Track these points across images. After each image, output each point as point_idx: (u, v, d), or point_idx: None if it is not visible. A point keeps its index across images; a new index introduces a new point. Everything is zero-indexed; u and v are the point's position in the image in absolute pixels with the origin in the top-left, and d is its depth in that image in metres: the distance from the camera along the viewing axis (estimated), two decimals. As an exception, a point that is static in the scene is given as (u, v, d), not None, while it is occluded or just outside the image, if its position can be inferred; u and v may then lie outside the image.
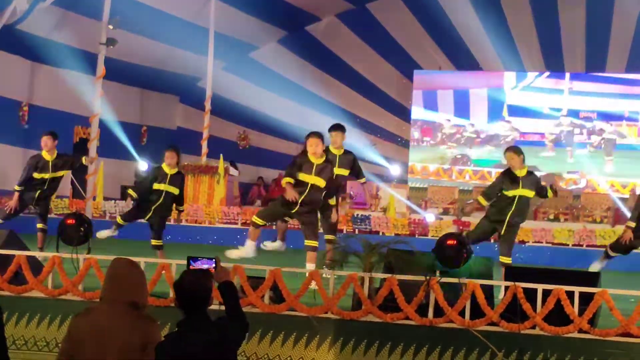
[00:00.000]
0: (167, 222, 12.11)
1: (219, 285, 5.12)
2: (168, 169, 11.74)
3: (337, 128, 11.44)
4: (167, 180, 11.71)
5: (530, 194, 10.62)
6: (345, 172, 11.52)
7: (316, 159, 10.36)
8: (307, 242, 10.43)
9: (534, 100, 24.28)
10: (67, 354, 4.95)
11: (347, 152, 11.53)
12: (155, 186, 11.68)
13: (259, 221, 10.52)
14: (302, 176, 10.30)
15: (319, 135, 10.54)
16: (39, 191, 12.36)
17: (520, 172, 10.60)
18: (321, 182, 10.35)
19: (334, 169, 10.82)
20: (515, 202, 10.47)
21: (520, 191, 10.51)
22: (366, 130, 24.98)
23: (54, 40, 19.69)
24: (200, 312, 4.89)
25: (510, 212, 10.47)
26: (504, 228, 10.52)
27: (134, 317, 4.87)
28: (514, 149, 10.80)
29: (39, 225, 12.43)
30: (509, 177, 10.60)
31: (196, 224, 18.85)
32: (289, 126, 25.12)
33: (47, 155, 12.36)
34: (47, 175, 12.34)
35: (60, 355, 5.01)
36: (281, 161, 25.66)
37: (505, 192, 10.54)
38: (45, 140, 12.40)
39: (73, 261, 9.19)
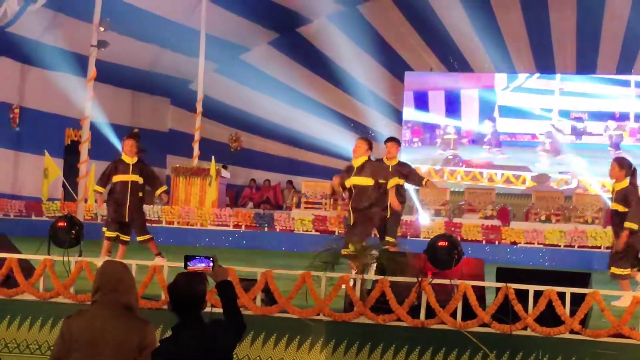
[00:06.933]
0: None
1: (217, 284, 5.06)
2: None
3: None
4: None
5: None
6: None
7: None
8: None
9: (525, 101, 24.31)
10: (58, 356, 4.93)
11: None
12: None
13: None
14: None
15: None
16: None
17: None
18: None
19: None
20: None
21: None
22: (357, 132, 24.97)
23: (45, 42, 19.66)
24: (195, 316, 4.85)
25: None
26: None
27: (129, 319, 4.86)
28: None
29: None
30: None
31: (188, 226, 18.81)
32: (281, 128, 25.15)
33: None
34: None
35: (51, 358, 4.98)
36: (273, 163, 25.74)
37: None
38: None
39: (64, 264, 9.16)
